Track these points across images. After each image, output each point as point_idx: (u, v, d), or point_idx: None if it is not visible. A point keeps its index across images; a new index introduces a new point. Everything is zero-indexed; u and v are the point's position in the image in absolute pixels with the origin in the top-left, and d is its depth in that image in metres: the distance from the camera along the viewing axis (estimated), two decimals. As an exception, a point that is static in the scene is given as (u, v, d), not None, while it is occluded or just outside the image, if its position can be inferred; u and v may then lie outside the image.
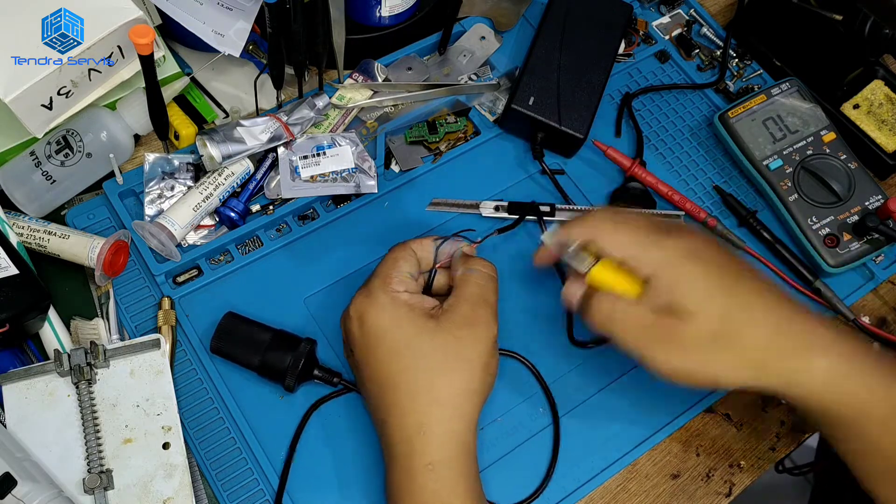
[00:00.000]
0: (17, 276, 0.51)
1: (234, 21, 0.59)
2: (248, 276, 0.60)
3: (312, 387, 0.56)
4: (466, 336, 0.49)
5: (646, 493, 0.56)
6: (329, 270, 0.60)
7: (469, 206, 0.63)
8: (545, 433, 0.56)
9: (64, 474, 0.49)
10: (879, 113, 0.69)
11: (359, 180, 0.62)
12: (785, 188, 0.65)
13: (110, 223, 0.60)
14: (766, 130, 0.67)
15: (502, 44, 0.71)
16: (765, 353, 0.45)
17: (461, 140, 0.67)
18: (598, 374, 0.59)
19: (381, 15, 0.67)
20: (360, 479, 0.54)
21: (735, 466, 0.58)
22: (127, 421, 0.51)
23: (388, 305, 0.49)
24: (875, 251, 0.63)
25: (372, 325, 0.49)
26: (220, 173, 0.60)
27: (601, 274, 0.49)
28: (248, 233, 0.60)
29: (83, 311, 0.57)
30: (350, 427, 0.55)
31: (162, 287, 0.58)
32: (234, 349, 0.54)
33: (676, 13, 0.77)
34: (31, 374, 0.51)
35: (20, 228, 0.56)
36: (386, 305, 0.49)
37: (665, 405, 0.58)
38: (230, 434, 0.54)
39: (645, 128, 0.70)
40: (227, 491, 0.53)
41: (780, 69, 0.73)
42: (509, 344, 0.58)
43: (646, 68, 0.73)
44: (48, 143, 0.58)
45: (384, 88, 0.67)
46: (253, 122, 0.60)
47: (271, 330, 0.54)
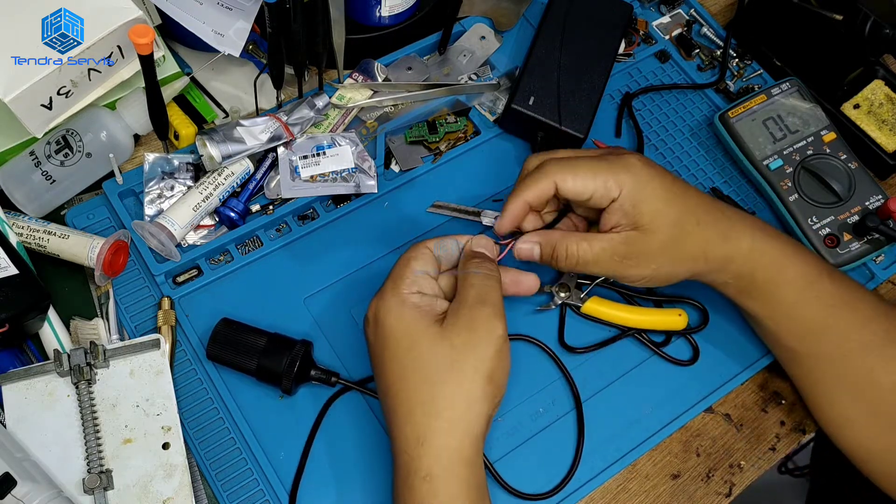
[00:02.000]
0: (16, 276, 0.51)
1: (234, 21, 0.59)
2: (247, 277, 0.60)
3: (312, 387, 0.56)
4: (465, 343, 0.47)
5: (646, 493, 0.56)
6: (329, 270, 0.60)
7: (471, 212, 0.63)
8: (545, 433, 0.56)
9: (64, 474, 0.49)
10: (880, 113, 0.69)
11: (359, 180, 0.62)
12: (785, 188, 0.65)
13: (110, 223, 0.60)
14: (767, 130, 0.67)
15: (502, 44, 0.71)
16: (706, 245, 0.53)
17: (461, 140, 0.67)
18: (598, 375, 0.59)
19: (381, 15, 0.67)
20: (365, 478, 0.54)
21: (735, 466, 0.58)
22: (127, 421, 0.51)
23: (396, 307, 0.49)
24: (875, 251, 0.63)
25: (381, 326, 0.49)
26: (220, 173, 0.60)
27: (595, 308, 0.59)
28: (248, 233, 0.60)
29: (83, 311, 0.57)
30: (354, 425, 0.55)
31: (162, 287, 0.58)
32: (230, 355, 0.54)
33: (676, 13, 0.77)
34: (30, 375, 0.51)
35: (20, 228, 0.56)
36: (393, 307, 0.49)
37: (665, 405, 0.58)
38: (230, 434, 0.54)
39: (645, 128, 0.70)
40: (227, 491, 0.53)
41: (781, 69, 0.73)
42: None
43: (646, 68, 0.73)
44: (48, 143, 0.58)
45: (384, 88, 0.67)
46: (253, 122, 0.60)
47: (266, 334, 0.54)
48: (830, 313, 0.53)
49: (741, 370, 0.60)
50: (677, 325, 0.59)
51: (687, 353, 0.60)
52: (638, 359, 0.60)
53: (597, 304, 0.59)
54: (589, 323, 0.60)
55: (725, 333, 0.61)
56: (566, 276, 0.60)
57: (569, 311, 0.60)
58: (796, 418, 0.60)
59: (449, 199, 0.64)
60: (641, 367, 0.59)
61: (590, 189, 0.51)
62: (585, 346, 0.59)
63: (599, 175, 0.51)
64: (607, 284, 0.61)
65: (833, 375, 0.54)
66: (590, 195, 0.52)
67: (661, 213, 0.51)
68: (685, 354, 0.60)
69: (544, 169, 0.53)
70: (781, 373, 0.60)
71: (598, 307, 0.59)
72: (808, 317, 0.54)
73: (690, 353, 0.60)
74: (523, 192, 0.53)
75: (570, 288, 0.59)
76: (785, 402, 0.60)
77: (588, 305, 0.59)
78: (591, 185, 0.51)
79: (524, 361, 0.58)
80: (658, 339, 0.60)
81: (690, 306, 0.61)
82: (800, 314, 0.54)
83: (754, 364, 0.60)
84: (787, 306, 0.54)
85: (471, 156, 0.66)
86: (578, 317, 0.60)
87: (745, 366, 0.60)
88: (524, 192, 0.53)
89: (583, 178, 0.51)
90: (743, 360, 0.60)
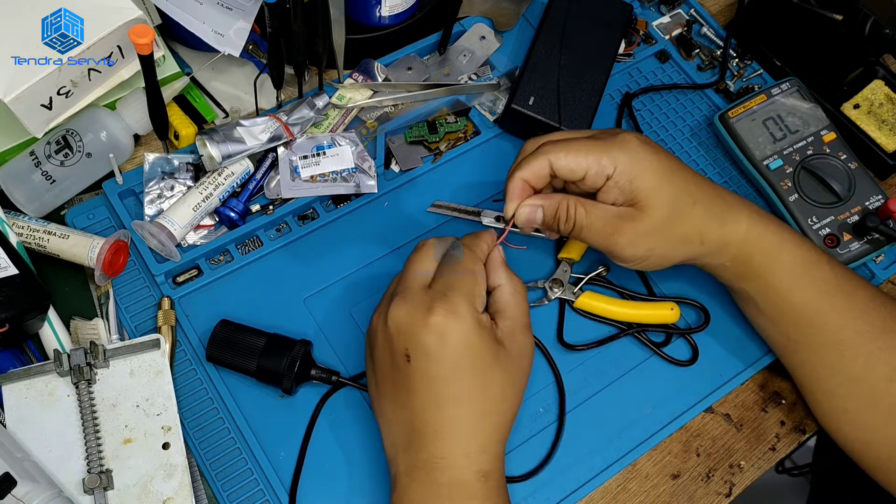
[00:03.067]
0: (16, 276, 0.51)
1: (234, 21, 0.59)
2: (247, 277, 0.60)
3: (312, 386, 0.56)
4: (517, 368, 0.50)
5: (646, 493, 0.56)
6: (329, 270, 0.60)
7: (471, 212, 0.63)
8: (544, 434, 0.56)
9: (64, 474, 0.49)
10: (879, 113, 0.69)
11: (359, 180, 0.62)
12: (785, 188, 0.65)
13: (110, 223, 0.60)
14: (767, 130, 0.67)
15: (502, 44, 0.71)
16: (702, 226, 0.52)
17: (461, 140, 0.67)
18: (598, 375, 0.59)
19: (381, 15, 0.67)
20: (365, 478, 0.54)
21: (735, 466, 0.58)
22: (127, 421, 0.51)
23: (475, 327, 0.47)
24: (875, 251, 0.63)
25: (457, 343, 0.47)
26: (220, 173, 0.60)
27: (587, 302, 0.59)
28: (248, 233, 0.60)
29: (83, 311, 0.57)
30: (353, 423, 0.55)
31: (162, 287, 0.58)
32: (230, 356, 0.54)
33: (676, 13, 0.77)
34: (30, 375, 0.51)
35: (20, 228, 0.56)
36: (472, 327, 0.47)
37: (665, 405, 0.58)
38: (230, 434, 0.54)
39: (645, 128, 0.70)
40: (227, 491, 0.53)
41: (781, 69, 0.73)
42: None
43: (646, 68, 0.73)
44: (48, 143, 0.58)
45: (384, 88, 0.67)
46: (253, 122, 0.60)
47: (265, 334, 0.54)
48: (827, 300, 0.53)
49: (741, 370, 0.60)
50: (670, 319, 0.59)
51: (687, 353, 0.60)
52: (638, 359, 0.60)
53: (590, 298, 0.59)
54: (588, 323, 0.60)
55: (725, 333, 0.61)
56: (559, 271, 0.60)
57: (568, 311, 0.60)
58: (796, 418, 0.60)
59: (449, 199, 0.64)
60: (641, 367, 0.59)
61: (583, 166, 0.51)
62: (584, 343, 0.59)
63: (593, 152, 0.51)
64: (602, 281, 0.61)
65: (829, 365, 0.54)
66: (584, 172, 0.52)
67: (656, 190, 0.51)
68: (685, 354, 0.60)
69: (540, 150, 0.53)
70: (782, 373, 0.60)
71: (591, 302, 0.59)
72: (805, 302, 0.53)
73: (690, 352, 0.60)
74: (520, 170, 0.53)
75: (564, 283, 0.60)
76: (785, 402, 0.60)
77: (581, 300, 0.59)
78: (583, 162, 0.51)
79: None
80: (658, 338, 0.60)
81: (691, 306, 0.61)
82: (796, 299, 0.53)
83: (754, 364, 0.60)
84: (784, 291, 0.54)
85: (471, 156, 0.66)
86: (577, 315, 0.60)
87: (745, 366, 0.60)
88: (521, 171, 0.53)
89: (575, 156, 0.51)
90: (743, 359, 0.60)
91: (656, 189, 0.51)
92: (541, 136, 0.56)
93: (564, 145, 0.52)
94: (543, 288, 0.60)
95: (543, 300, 0.60)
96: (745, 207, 0.54)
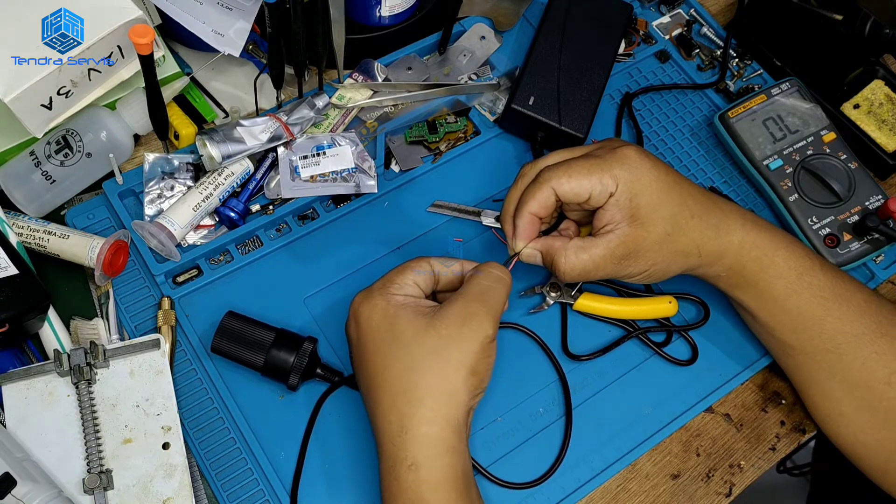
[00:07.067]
0: (16, 276, 0.51)
1: (234, 21, 0.59)
2: (247, 276, 0.60)
3: (312, 386, 0.56)
4: (453, 334, 0.47)
5: (646, 493, 0.56)
6: (329, 270, 0.60)
7: (471, 212, 0.63)
8: (544, 434, 0.56)
9: (64, 474, 0.49)
10: (879, 113, 0.69)
11: (359, 180, 0.62)
12: (785, 188, 0.65)
13: (110, 223, 0.60)
14: (767, 130, 0.67)
15: (502, 44, 0.71)
16: (700, 239, 0.53)
17: (461, 140, 0.67)
18: (598, 375, 0.59)
19: (381, 15, 0.67)
20: (365, 477, 0.54)
21: (735, 466, 0.58)
22: (127, 421, 0.51)
23: (381, 305, 0.49)
24: (875, 251, 0.63)
25: (363, 322, 0.49)
26: (220, 173, 0.60)
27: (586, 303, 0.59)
28: (248, 233, 0.60)
29: (83, 311, 0.57)
30: (347, 422, 0.55)
31: (162, 287, 0.58)
32: (236, 349, 0.54)
33: (676, 13, 0.77)
34: (30, 374, 0.51)
35: (20, 228, 0.56)
36: (378, 305, 0.49)
37: (665, 405, 0.58)
38: (230, 434, 0.54)
39: (645, 128, 0.70)
40: (227, 491, 0.53)
41: (781, 69, 0.73)
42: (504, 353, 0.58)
43: (646, 68, 0.73)
44: (48, 143, 0.58)
45: (384, 88, 0.67)
46: (253, 122, 0.60)
47: (273, 329, 0.54)
48: (822, 305, 0.53)
49: (741, 370, 0.60)
50: (668, 312, 0.59)
51: (687, 353, 0.60)
52: (638, 359, 0.60)
53: (589, 300, 0.59)
54: (591, 326, 0.60)
55: (725, 333, 0.61)
56: None
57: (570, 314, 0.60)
58: (796, 418, 0.60)
59: (449, 199, 0.64)
60: (641, 367, 0.59)
61: (587, 188, 0.51)
62: (589, 352, 0.59)
63: (594, 172, 0.51)
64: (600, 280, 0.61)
65: (826, 369, 0.54)
66: (588, 194, 0.51)
67: (656, 208, 0.51)
68: (685, 354, 0.60)
69: (541, 178, 0.52)
70: (781, 373, 0.60)
71: (590, 303, 0.59)
72: (800, 309, 0.54)
73: (690, 352, 0.60)
74: (527, 205, 0.53)
75: (561, 287, 0.59)
76: (785, 402, 0.60)
77: (580, 302, 0.59)
78: (587, 184, 0.51)
79: (524, 360, 0.59)
80: (658, 338, 0.60)
81: (690, 302, 0.61)
82: (791, 306, 0.54)
83: (754, 364, 0.60)
84: (779, 298, 0.54)
85: (471, 156, 0.66)
86: (579, 318, 0.60)
87: (745, 366, 0.60)
88: (528, 206, 0.53)
89: (578, 179, 0.51)
90: (743, 359, 0.60)
91: (656, 207, 0.51)
92: (536, 161, 0.55)
93: (565, 169, 0.52)
94: (541, 293, 0.60)
95: (543, 305, 0.60)
96: (739, 216, 0.54)
